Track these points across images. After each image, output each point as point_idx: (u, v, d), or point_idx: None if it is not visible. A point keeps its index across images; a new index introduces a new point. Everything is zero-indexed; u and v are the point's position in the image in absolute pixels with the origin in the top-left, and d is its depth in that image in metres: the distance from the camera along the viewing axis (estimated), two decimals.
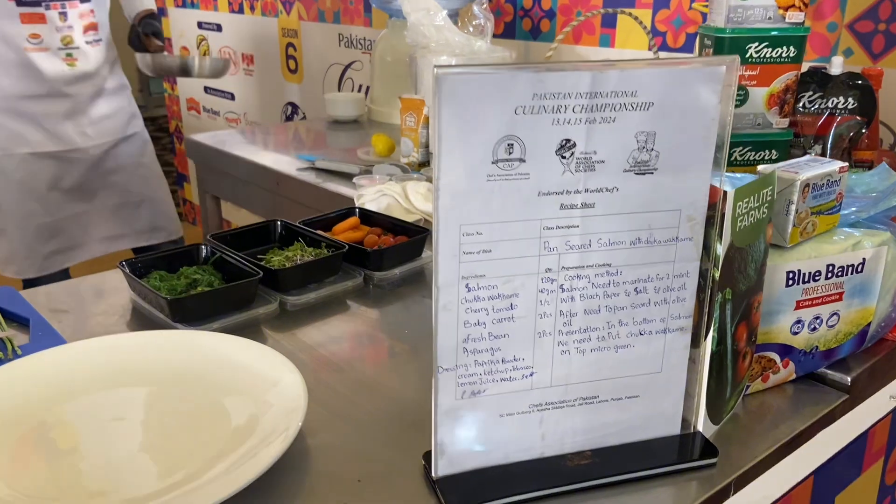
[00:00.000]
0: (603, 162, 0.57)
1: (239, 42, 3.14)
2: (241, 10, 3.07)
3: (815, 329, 0.74)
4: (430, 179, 1.27)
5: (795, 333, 0.73)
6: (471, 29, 1.72)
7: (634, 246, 0.60)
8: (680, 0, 1.67)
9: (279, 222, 1.10)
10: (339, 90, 2.65)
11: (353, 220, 1.16)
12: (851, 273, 0.73)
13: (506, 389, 0.61)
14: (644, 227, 0.60)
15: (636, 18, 1.62)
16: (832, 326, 0.75)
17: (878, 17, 1.36)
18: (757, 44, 1.05)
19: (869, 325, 0.77)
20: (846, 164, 0.73)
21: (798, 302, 0.72)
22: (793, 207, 0.69)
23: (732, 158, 1.12)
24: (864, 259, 0.73)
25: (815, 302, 0.73)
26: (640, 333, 0.63)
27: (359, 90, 2.57)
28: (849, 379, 0.77)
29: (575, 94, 0.54)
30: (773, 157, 1.13)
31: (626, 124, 0.56)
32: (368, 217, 1.17)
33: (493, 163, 0.54)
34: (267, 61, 3.01)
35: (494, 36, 1.83)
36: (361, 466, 0.64)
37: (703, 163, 0.59)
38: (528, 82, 0.53)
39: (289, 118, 2.99)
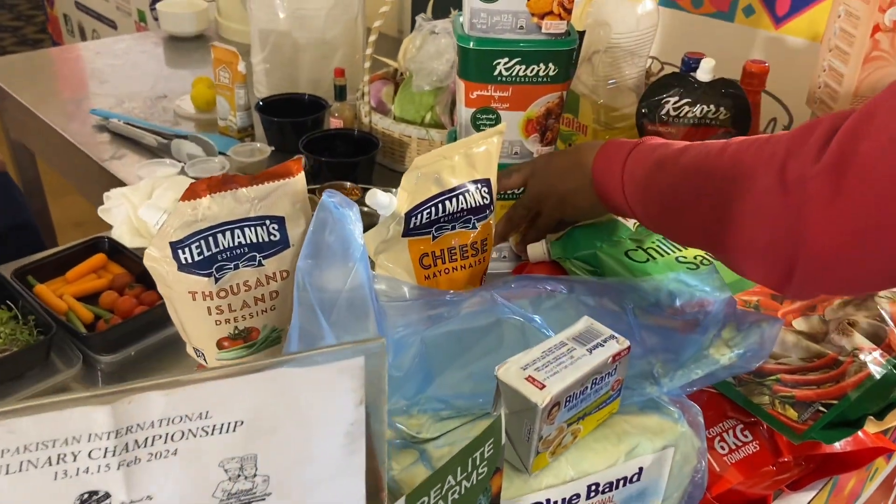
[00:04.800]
0: None
1: None
2: None
3: None
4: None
5: None
6: None
7: None
8: None
9: None
10: None
11: (99, 258, 0.91)
12: (625, 485, 0.56)
13: None
14: None
15: None
16: None
17: None
18: (507, 59, 0.78)
19: None
20: (627, 345, 0.53)
21: None
22: (535, 435, 0.50)
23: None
24: (640, 468, 0.55)
25: None
26: None
27: None
28: None
29: (89, 436, 0.33)
30: None
31: (198, 455, 0.35)
32: (120, 251, 0.91)
33: None
34: None
35: None
36: None
37: (349, 472, 0.39)
38: None
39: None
